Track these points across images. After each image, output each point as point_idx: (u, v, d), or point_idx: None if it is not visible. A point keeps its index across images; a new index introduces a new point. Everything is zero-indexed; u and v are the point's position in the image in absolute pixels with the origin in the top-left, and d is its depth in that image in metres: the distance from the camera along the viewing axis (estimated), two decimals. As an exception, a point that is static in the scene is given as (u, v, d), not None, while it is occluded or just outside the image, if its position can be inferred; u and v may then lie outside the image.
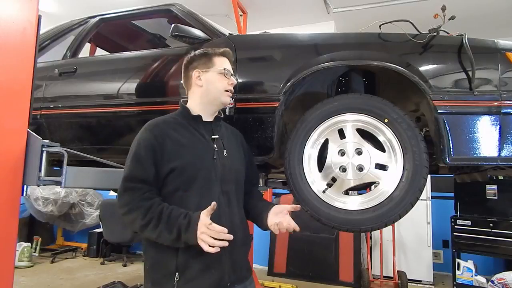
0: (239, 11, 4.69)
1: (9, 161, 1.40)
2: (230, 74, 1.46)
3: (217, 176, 1.36)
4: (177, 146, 1.34)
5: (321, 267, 4.47)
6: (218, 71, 1.43)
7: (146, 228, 1.24)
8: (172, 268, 1.26)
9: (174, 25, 1.86)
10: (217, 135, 1.44)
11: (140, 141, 1.34)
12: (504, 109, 1.53)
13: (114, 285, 3.87)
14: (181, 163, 1.31)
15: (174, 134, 1.36)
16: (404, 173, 1.58)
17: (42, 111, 2.26)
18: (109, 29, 2.79)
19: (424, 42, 1.64)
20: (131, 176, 1.29)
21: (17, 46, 1.46)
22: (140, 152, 1.31)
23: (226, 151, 1.43)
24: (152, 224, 1.23)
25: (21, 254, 4.90)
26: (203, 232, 1.19)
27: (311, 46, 1.84)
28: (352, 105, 1.67)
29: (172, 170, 1.30)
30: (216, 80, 1.43)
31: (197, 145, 1.37)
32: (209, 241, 1.18)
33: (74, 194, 5.53)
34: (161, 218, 1.23)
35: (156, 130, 1.35)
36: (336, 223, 1.61)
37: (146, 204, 1.26)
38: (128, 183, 1.29)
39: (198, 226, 1.20)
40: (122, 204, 1.29)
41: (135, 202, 1.26)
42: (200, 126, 1.42)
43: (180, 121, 1.41)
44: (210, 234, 1.18)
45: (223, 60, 1.47)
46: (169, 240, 1.23)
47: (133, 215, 1.26)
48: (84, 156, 1.82)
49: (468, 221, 3.82)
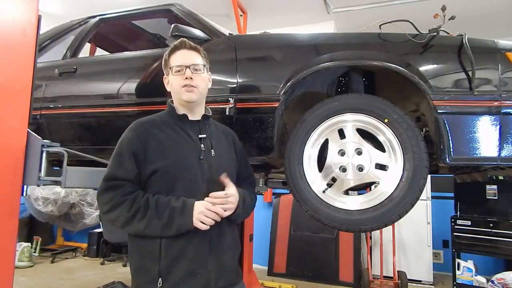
0: (239, 11, 4.69)
1: (9, 161, 1.40)
2: (185, 67, 1.35)
3: (204, 177, 1.31)
4: (161, 146, 1.30)
5: (321, 267, 4.47)
6: (173, 72, 1.37)
7: (133, 220, 1.21)
8: (154, 273, 1.22)
9: (174, 25, 1.86)
10: (205, 135, 1.38)
11: (123, 141, 1.31)
12: (504, 109, 1.53)
13: (114, 285, 3.87)
14: (164, 164, 1.27)
15: (159, 133, 1.32)
16: (404, 173, 1.58)
17: (42, 111, 2.26)
18: (109, 29, 2.79)
19: (424, 42, 1.64)
20: (112, 175, 1.27)
21: (17, 46, 1.46)
22: (122, 152, 1.28)
23: (214, 151, 1.37)
24: (140, 214, 1.20)
25: (21, 254, 4.89)
26: (201, 212, 1.21)
27: (311, 46, 1.84)
28: (352, 105, 1.67)
29: (154, 172, 1.27)
30: (173, 81, 1.37)
31: (182, 145, 1.33)
32: (208, 220, 1.21)
33: (74, 194, 5.52)
34: (149, 206, 1.21)
35: (140, 130, 1.32)
36: (336, 223, 1.61)
37: (130, 197, 1.23)
38: (109, 182, 1.26)
39: (196, 206, 1.21)
40: (103, 202, 1.25)
41: (117, 198, 1.23)
42: (187, 126, 1.38)
43: (166, 121, 1.37)
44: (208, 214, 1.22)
45: (177, 56, 1.38)
46: (159, 227, 1.20)
47: (117, 211, 1.22)
48: (84, 156, 1.82)
49: (468, 221, 3.82)
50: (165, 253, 1.23)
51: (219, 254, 1.29)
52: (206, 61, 1.44)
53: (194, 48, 1.40)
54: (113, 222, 1.26)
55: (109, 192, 1.25)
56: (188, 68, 1.35)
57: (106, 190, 1.26)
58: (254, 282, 3.57)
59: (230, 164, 1.43)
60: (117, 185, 1.25)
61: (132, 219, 1.21)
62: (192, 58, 1.38)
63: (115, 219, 1.24)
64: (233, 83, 1.82)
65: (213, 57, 1.92)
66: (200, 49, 1.42)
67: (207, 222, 1.23)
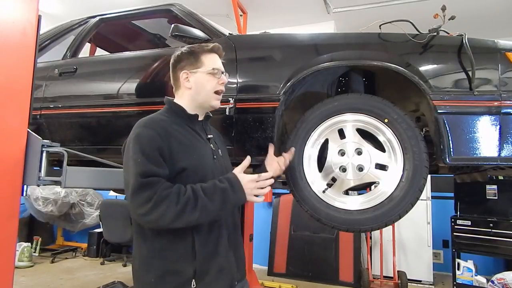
0: (239, 11, 4.69)
1: (9, 161, 1.40)
2: (221, 72, 1.37)
3: (217, 176, 1.30)
4: (183, 145, 1.26)
5: (321, 267, 4.47)
6: (207, 71, 1.34)
7: (183, 212, 1.13)
8: (188, 275, 1.18)
9: (174, 25, 1.86)
10: (211, 135, 1.41)
11: (142, 138, 1.21)
12: (504, 109, 1.53)
13: (114, 285, 3.87)
14: (192, 162, 1.25)
15: (175, 133, 1.27)
16: (404, 173, 1.58)
17: (42, 111, 2.26)
18: (109, 29, 2.79)
19: (424, 42, 1.64)
20: (146, 171, 1.15)
21: (17, 46, 1.46)
22: (145, 149, 1.18)
23: (220, 151, 1.42)
24: (190, 204, 1.14)
25: (21, 254, 4.90)
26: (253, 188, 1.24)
27: (311, 46, 1.84)
28: (352, 105, 1.67)
29: (183, 170, 1.23)
30: (205, 81, 1.34)
31: (198, 145, 1.32)
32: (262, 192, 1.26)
33: (74, 194, 5.52)
34: (198, 195, 1.16)
35: (158, 128, 1.24)
36: (336, 223, 1.61)
37: (172, 190, 1.15)
38: (143, 178, 1.14)
39: (245, 185, 1.23)
40: (142, 201, 1.13)
41: (159, 193, 1.13)
42: (196, 126, 1.37)
43: (175, 120, 1.32)
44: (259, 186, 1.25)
45: (212, 58, 1.37)
46: (214, 212, 1.18)
47: (162, 207, 1.12)
48: (84, 156, 1.82)
49: (468, 221, 3.82)
50: (200, 251, 1.20)
51: (236, 247, 1.32)
52: None
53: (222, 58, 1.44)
54: (157, 221, 1.14)
55: (147, 190, 1.13)
56: (224, 74, 1.38)
57: (141, 187, 1.14)
58: (254, 282, 3.57)
59: (229, 162, 1.49)
60: (153, 181, 1.15)
61: (183, 212, 1.13)
62: (223, 68, 1.40)
63: (160, 216, 1.12)
64: (233, 83, 1.82)
65: (213, 57, 1.94)
66: None
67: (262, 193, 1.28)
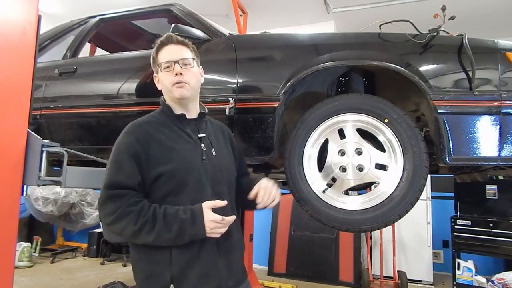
0: (239, 11, 4.69)
1: (9, 161, 1.40)
2: (173, 62, 1.28)
3: (208, 177, 1.27)
4: (163, 149, 1.23)
5: (321, 267, 4.47)
6: (162, 68, 1.30)
7: (140, 233, 1.14)
8: (166, 280, 1.17)
9: (174, 25, 1.86)
10: (204, 134, 1.34)
11: (121, 146, 1.22)
12: (504, 109, 1.53)
13: (114, 285, 3.86)
14: (170, 167, 1.21)
15: (159, 135, 1.24)
16: (404, 173, 1.58)
17: (42, 111, 2.26)
18: (109, 29, 2.79)
19: (424, 42, 1.64)
20: (113, 183, 1.18)
21: (17, 46, 1.46)
22: (121, 158, 1.20)
23: (214, 150, 1.33)
24: (147, 227, 1.14)
25: (21, 254, 4.89)
26: (214, 228, 1.17)
27: (311, 46, 1.84)
28: (352, 105, 1.67)
29: (160, 175, 1.21)
30: (164, 79, 1.30)
31: (184, 146, 1.27)
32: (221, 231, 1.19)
33: (74, 194, 5.52)
34: (156, 219, 1.15)
35: (138, 133, 1.23)
36: (336, 223, 1.61)
37: (135, 208, 1.15)
38: (111, 190, 1.17)
39: (207, 223, 1.16)
40: (107, 213, 1.16)
41: (122, 209, 1.15)
42: (185, 125, 1.31)
43: (163, 121, 1.30)
44: (220, 227, 1.18)
45: (164, 52, 1.31)
46: (169, 239, 1.16)
47: (122, 223, 1.14)
48: (84, 156, 1.82)
49: (468, 221, 3.81)
50: (176, 259, 1.19)
51: (228, 253, 1.28)
52: (196, 55, 1.37)
53: (181, 42, 1.33)
54: (118, 234, 1.18)
55: (112, 203, 1.16)
56: (177, 63, 1.28)
57: (108, 200, 1.17)
58: (254, 282, 3.57)
59: (230, 162, 1.40)
60: (119, 194, 1.16)
61: (139, 232, 1.14)
62: (181, 53, 1.30)
63: (120, 231, 1.16)
64: (233, 83, 1.82)
65: (213, 57, 1.93)
66: (188, 42, 1.35)
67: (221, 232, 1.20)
